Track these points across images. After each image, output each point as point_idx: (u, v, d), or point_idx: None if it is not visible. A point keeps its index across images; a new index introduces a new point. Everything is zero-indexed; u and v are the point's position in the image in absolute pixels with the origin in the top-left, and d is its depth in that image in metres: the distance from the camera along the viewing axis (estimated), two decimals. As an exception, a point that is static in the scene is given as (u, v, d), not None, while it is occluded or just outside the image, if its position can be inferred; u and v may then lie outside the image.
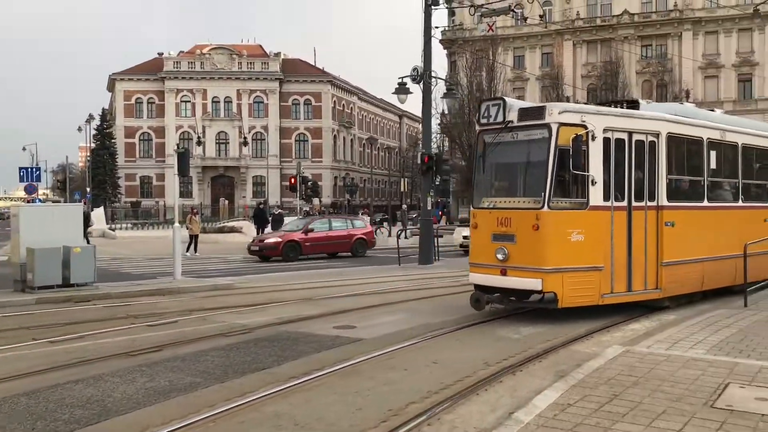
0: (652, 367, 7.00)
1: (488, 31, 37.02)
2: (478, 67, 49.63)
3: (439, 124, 54.09)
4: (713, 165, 12.37)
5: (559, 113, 10.12)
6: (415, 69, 20.74)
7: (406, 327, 10.13)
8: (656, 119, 11.32)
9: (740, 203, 13.08)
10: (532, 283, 10.01)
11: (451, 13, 60.50)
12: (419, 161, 21.64)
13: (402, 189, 60.31)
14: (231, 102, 77.36)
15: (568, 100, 56.16)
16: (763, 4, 40.97)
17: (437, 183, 22.09)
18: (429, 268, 20.00)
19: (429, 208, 21.58)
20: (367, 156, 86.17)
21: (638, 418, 5.42)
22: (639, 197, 10.89)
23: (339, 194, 77.13)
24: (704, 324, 9.54)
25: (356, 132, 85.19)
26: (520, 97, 61.82)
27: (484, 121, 10.88)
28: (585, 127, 10.06)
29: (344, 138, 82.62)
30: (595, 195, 10.24)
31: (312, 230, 24.99)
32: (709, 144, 12.21)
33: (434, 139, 62.96)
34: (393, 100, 22.64)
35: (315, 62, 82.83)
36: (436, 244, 22.22)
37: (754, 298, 11.73)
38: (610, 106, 12.31)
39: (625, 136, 10.67)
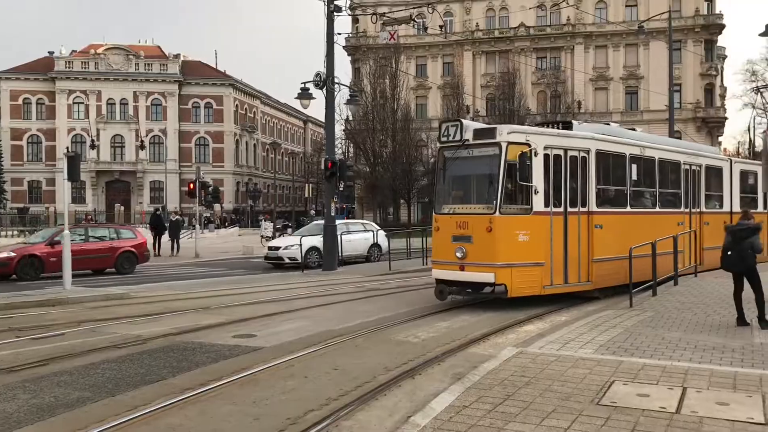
0: (543, 368, 7.27)
1: (390, 40, 37.53)
2: (381, 75, 50.16)
3: (343, 130, 54.24)
4: (634, 176, 14.40)
5: (507, 134, 12.07)
6: (317, 75, 20.70)
7: (308, 334, 10.06)
8: (587, 138, 13.32)
9: (657, 209, 15.15)
10: (486, 277, 11.77)
11: (355, 20, 60.89)
12: (323, 167, 21.59)
13: (306, 195, 60.11)
14: (127, 104, 74.48)
15: (468, 109, 57.78)
16: (646, 21, 43.64)
17: (341, 189, 22.10)
18: (332, 274, 19.97)
19: (333, 214, 21.55)
20: (271, 161, 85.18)
21: (529, 417, 5.60)
22: (573, 204, 12.86)
23: (242, 200, 75.83)
24: (593, 324, 10.00)
25: (259, 136, 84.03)
26: (422, 105, 63.13)
27: (444, 139, 12.60)
28: (529, 145, 11.94)
29: (247, 142, 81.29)
30: (538, 202, 12.18)
31: (58, 242, 18.33)
32: (631, 158, 14.26)
33: (339, 145, 62.98)
34: (297, 104, 22.46)
35: (216, 65, 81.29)
36: (339, 250, 22.23)
37: (640, 298, 12.41)
38: (548, 126, 14.37)
39: (561, 152, 12.70)
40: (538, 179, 12.08)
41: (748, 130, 68.29)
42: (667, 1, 56.08)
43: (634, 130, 17.15)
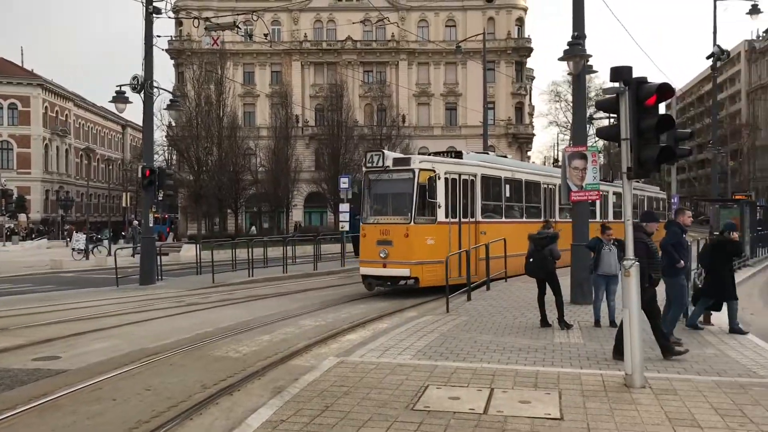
0: (362, 376, 7.36)
1: (213, 45, 36.54)
2: (207, 80, 48.64)
3: (166, 137, 51.92)
4: (507, 194, 18.51)
5: (419, 162, 15.79)
6: (135, 78, 19.63)
7: (119, 354, 9.43)
8: (474, 165, 17.37)
9: (524, 219, 18.96)
10: (403, 272, 15.17)
11: (179, 23, 58.66)
12: (140, 174, 20.46)
13: (124, 204, 56.73)
14: None
15: (297, 119, 57.77)
16: (464, 42, 46.30)
17: (160, 198, 21.08)
18: (151, 288, 18.95)
19: (151, 224, 20.48)
20: (85, 168, 79.46)
21: (346, 427, 5.62)
22: (465, 215, 16.57)
23: (52, 209, 69.96)
24: (412, 331, 10.32)
25: (73, 141, 78.05)
26: (250, 113, 62.18)
27: (369, 165, 16.02)
28: (434, 171, 15.61)
29: (58, 147, 75.14)
30: (441, 214, 15.74)
31: None
32: (505, 180, 18.49)
33: (160, 152, 60.21)
34: (115, 108, 21.10)
35: (23, 63, 74.42)
36: (159, 263, 21.18)
37: (456, 303, 13.03)
38: (443, 156, 18.15)
39: (457, 176, 16.41)
40: (441, 197, 15.67)
41: (553, 145, 74.86)
42: (482, 23, 60.04)
43: (487, 153, 21.07)
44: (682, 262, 9.22)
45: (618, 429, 5.58)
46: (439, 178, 15.60)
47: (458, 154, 18.20)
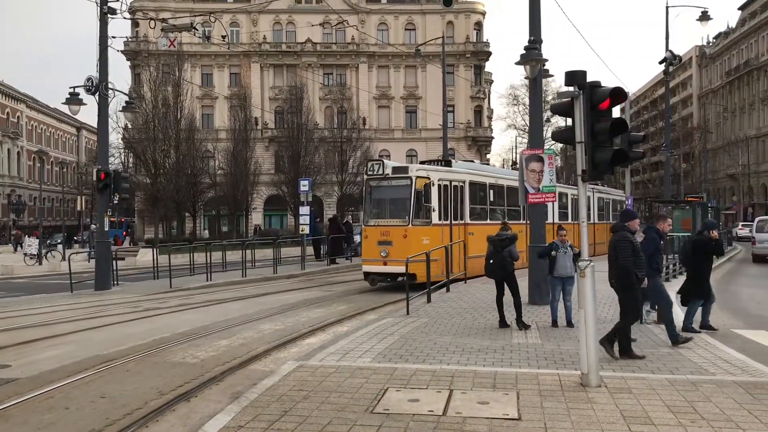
0: (322, 380, 7.32)
1: (170, 46, 36.00)
2: (164, 82, 47.87)
3: (122, 139, 50.96)
4: (492, 198, 20.08)
5: (416, 170, 17.57)
6: (89, 79, 19.19)
7: (73, 361, 9.21)
8: (463, 172, 19.17)
9: (506, 221, 19.83)
10: (402, 269, 15.33)
11: (135, 24, 57.72)
12: (95, 178, 20.04)
13: (79, 208, 55.49)
14: None
15: (256, 121, 57.33)
16: (423, 45, 46.53)
17: (116, 201, 20.69)
18: (106, 293, 18.56)
19: (106, 228, 20.07)
20: (38, 171, 77.44)
21: (305, 432, 5.58)
22: (455, 218, 18.17)
23: (3, 213, 68.08)
24: (372, 333, 10.32)
25: (25, 144, 76.10)
26: (209, 115, 61.50)
27: (370, 173, 17.73)
28: (429, 178, 17.34)
29: (9, 150, 73.15)
30: (435, 217, 17.37)
31: None
32: (489, 186, 20.25)
33: (117, 155, 59.15)
34: (69, 110, 20.62)
35: (-29, 63, 72.26)
36: (115, 268, 20.76)
37: (416, 306, 13.07)
38: (434, 164, 19.71)
39: (448, 183, 18.02)
40: (435, 201, 17.34)
41: (512, 148, 75.78)
42: (441, 27, 60.40)
43: (452, 155, 23.08)
44: (646, 281, 9.01)
45: (574, 428, 5.66)
46: (433, 185, 17.36)
47: (448, 163, 20.18)
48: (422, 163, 20.49)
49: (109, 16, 19.38)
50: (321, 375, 7.55)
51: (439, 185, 17.54)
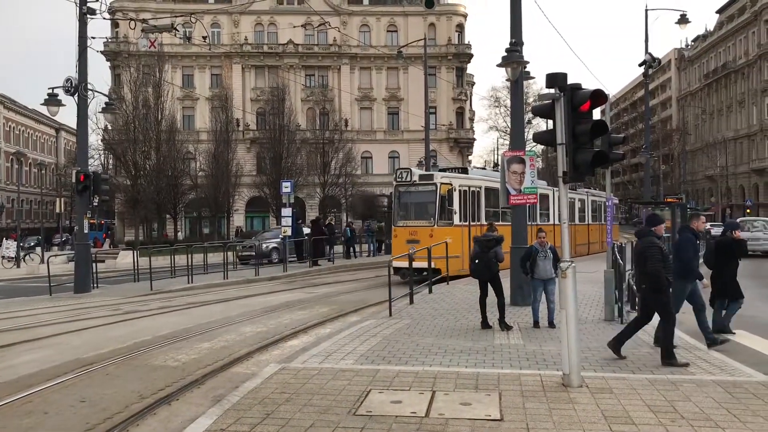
0: (304, 382, 7.30)
1: (150, 47, 35.73)
2: (144, 83, 47.50)
3: (102, 140, 50.48)
4: (503, 202, 21.07)
5: (440, 177, 19.76)
6: (68, 80, 19.02)
7: (52, 365, 9.10)
8: (480, 179, 21.31)
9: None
10: (427, 264, 16.65)
11: (115, 24, 57.22)
12: (74, 179, 19.84)
13: (58, 210, 54.86)
14: None
15: (238, 123, 57.06)
16: (405, 47, 46.58)
17: (96, 203, 20.51)
18: (86, 296, 18.38)
19: (86, 231, 19.87)
20: (16, 172, 76.50)
21: (287, 434, 5.56)
22: (473, 219, 20.18)
23: (-21, 216, 67.12)
24: (355, 335, 10.30)
25: (2, 145, 75.11)
26: (190, 116, 61.14)
27: (399, 179, 20.19)
28: (451, 184, 19.61)
29: (-14, 152, 72.24)
30: (456, 219, 19.61)
31: None
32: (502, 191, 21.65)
33: (96, 156, 58.58)
34: (47, 111, 20.39)
35: (-53, 63, 71.21)
36: (95, 270, 20.56)
37: (398, 307, 13.08)
38: (452, 171, 22.22)
39: (467, 188, 20.27)
40: (456, 205, 19.58)
41: (493, 150, 76.07)
42: (423, 29, 60.56)
43: (434, 156, 23.76)
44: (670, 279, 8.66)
45: (556, 428, 5.69)
46: (455, 190, 19.57)
47: (464, 170, 22.96)
48: (441, 171, 22.36)
49: (88, 16, 19.21)
50: (303, 377, 7.53)
51: (460, 190, 19.82)
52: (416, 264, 17.22)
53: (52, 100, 19.41)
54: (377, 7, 64.64)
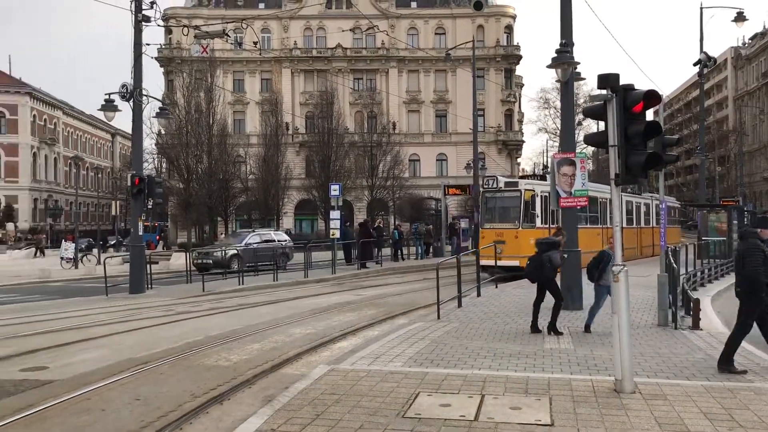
0: (353, 384, 7.34)
1: (202, 53, 36.47)
2: (197, 88, 48.54)
3: (155, 145, 51.74)
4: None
5: (524, 185, 21.87)
6: (124, 86, 19.54)
7: (108, 363, 9.36)
8: None
9: (587, 225, 22.60)
10: (513, 263, 19.30)
11: (169, 31, 58.58)
12: (129, 183, 20.38)
13: (113, 212, 56.41)
14: None
15: (287, 126, 57.76)
16: (453, 49, 46.46)
17: (150, 206, 21.02)
18: (140, 297, 18.84)
19: (140, 233, 20.38)
20: (74, 176, 78.99)
21: (337, 435, 5.60)
22: (553, 222, 20.11)
23: (40, 218, 69.57)
24: (403, 338, 10.31)
25: (61, 150, 77.75)
26: (240, 120, 62.14)
27: (486, 186, 22.35)
28: (533, 190, 21.42)
29: (46, 156, 74.85)
30: (538, 222, 21.31)
31: None
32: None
33: (150, 160, 59.94)
34: (104, 117, 21.02)
35: (10, 71, 74.02)
36: (149, 271, 21.08)
37: (447, 310, 13.04)
38: (533, 178, 24.80)
39: (547, 194, 19.03)
40: (538, 209, 21.34)
41: (543, 152, 75.15)
42: (471, 31, 60.28)
43: (482, 158, 23.16)
44: None
45: (608, 434, 5.59)
46: (537, 196, 21.24)
47: (543, 177, 24.26)
48: (521, 178, 24.26)
49: (143, 23, 19.72)
50: (352, 379, 7.57)
51: (541, 196, 21.15)
52: (501, 262, 19.54)
53: (108, 105, 19.96)
54: (425, 10, 64.59)
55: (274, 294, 19.23)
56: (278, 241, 29.98)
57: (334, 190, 26.31)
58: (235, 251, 26.52)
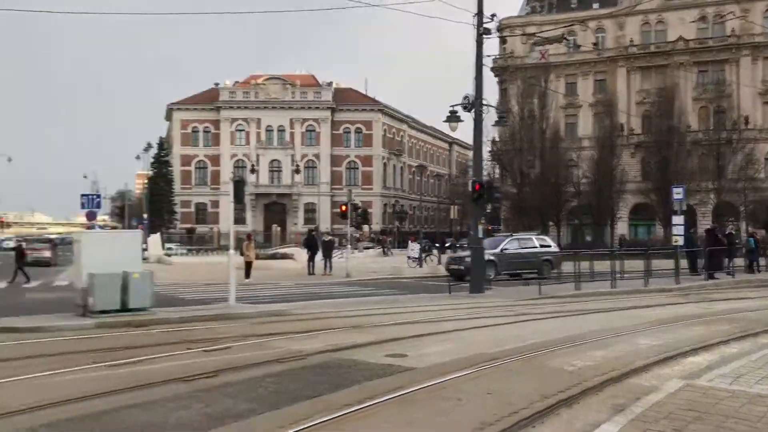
0: (714, 403, 6.76)
1: (541, 59, 36.88)
2: (529, 95, 49.42)
3: (489, 152, 53.96)
4: None
5: None
6: (466, 97, 20.78)
7: (458, 357, 10.02)
8: None
9: None
10: None
11: (503, 41, 60.62)
12: (470, 189, 21.58)
13: (452, 216, 60.23)
14: (284, 131, 78.86)
15: (622, 127, 55.53)
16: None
17: (488, 210, 21.98)
18: (480, 297, 19.81)
19: (480, 235, 21.44)
20: (417, 183, 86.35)
21: (701, 455, 5.23)
22: None
23: (388, 221, 77.43)
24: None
25: (406, 159, 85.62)
26: (572, 124, 61.44)
27: None
28: None
29: (394, 165, 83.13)
30: None
31: None
32: None
33: (484, 166, 62.77)
34: (442, 127, 22.86)
35: (366, 91, 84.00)
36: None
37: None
38: None
39: None
40: None
41: None
42: None
43: None
44: None
45: None
46: None
47: None
48: None
49: (484, 36, 20.73)
50: (712, 397, 6.98)
51: None
52: None
53: (452, 117, 21.41)
54: (786, -13, 56.65)
55: (611, 301, 18.64)
56: (541, 247, 28.06)
57: (677, 193, 24.54)
58: (491, 257, 24.97)
